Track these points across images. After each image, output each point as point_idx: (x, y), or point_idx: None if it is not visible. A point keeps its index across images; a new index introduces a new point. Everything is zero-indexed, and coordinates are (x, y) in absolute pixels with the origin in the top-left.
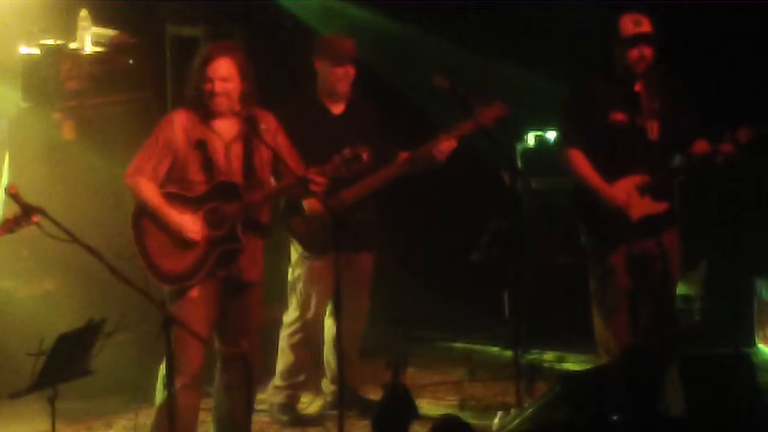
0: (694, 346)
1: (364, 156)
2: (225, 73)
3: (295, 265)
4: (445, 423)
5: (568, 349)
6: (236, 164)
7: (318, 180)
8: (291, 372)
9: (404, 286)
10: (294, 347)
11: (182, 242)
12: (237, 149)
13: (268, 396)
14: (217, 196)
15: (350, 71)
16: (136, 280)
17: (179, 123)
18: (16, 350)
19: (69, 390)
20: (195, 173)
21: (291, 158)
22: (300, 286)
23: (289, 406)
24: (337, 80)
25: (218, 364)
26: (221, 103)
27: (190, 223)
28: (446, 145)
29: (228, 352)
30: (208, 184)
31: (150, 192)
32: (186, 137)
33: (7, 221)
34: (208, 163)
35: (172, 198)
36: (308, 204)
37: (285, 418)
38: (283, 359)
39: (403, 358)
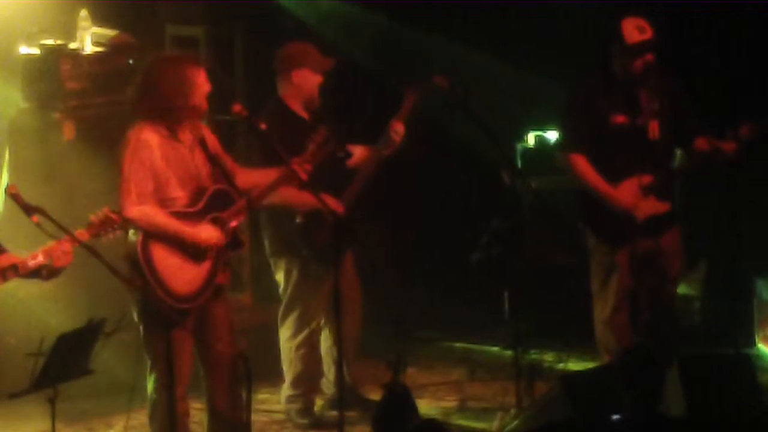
0: (694, 346)
1: (327, 134)
2: (207, 85)
3: (302, 279)
4: (422, 425)
5: (568, 349)
6: (203, 170)
7: (306, 168)
8: (303, 380)
9: (404, 286)
10: (302, 358)
11: (194, 259)
12: (199, 155)
13: (284, 404)
14: (214, 206)
15: (321, 79)
16: (137, 280)
17: (155, 142)
18: (16, 350)
19: (69, 390)
20: (174, 189)
21: (229, 161)
22: (307, 299)
23: (308, 410)
24: (314, 88)
25: (206, 369)
26: (204, 115)
27: (211, 232)
28: (397, 128)
29: (226, 353)
30: (202, 195)
31: (163, 218)
32: (162, 155)
33: (92, 225)
34: (184, 177)
35: (176, 217)
36: (330, 207)
37: (305, 421)
38: (293, 370)
39: (403, 358)
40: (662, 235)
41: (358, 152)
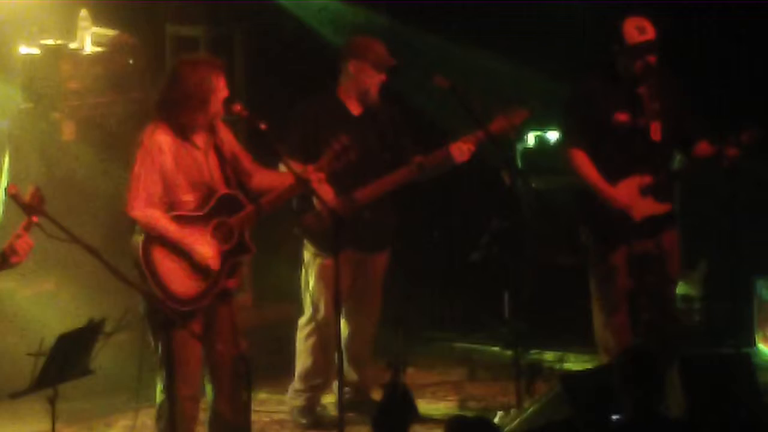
0: (694, 346)
1: (349, 146)
2: (226, 91)
3: (308, 265)
4: (462, 421)
5: (568, 349)
6: (216, 174)
7: (318, 176)
8: (309, 375)
9: (404, 286)
10: (310, 350)
11: (197, 266)
12: (212, 159)
13: (288, 399)
14: (221, 210)
15: (383, 78)
16: (135, 280)
17: (166, 146)
18: (16, 350)
19: (69, 390)
20: (184, 192)
21: (248, 160)
22: (311, 286)
23: (309, 408)
24: (373, 85)
25: (210, 369)
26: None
27: (207, 250)
28: (465, 149)
29: (227, 354)
30: (209, 200)
31: (166, 223)
32: (174, 159)
33: (31, 206)
34: (195, 180)
35: (180, 220)
36: (319, 202)
37: (305, 420)
38: (301, 362)
39: (403, 358)
40: (660, 236)
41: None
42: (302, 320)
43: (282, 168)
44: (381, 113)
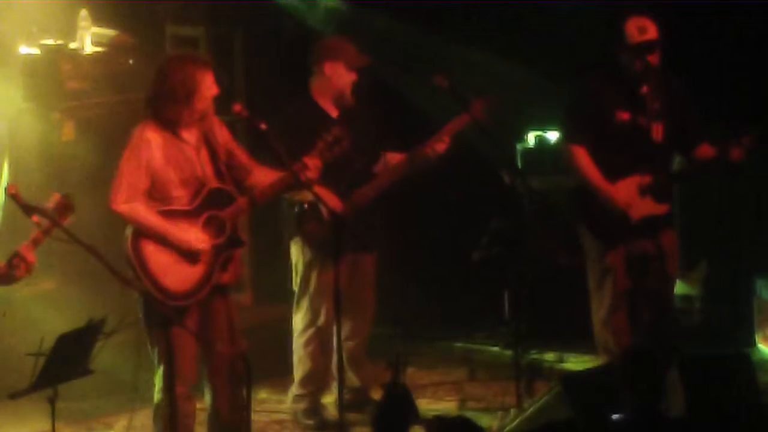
0: (694, 346)
1: (339, 134)
2: (215, 88)
3: (306, 270)
4: (442, 421)
5: (568, 349)
6: (208, 169)
7: (316, 164)
8: (310, 379)
9: (404, 286)
10: (310, 355)
11: (188, 258)
12: (204, 154)
13: (290, 404)
14: (210, 204)
15: (355, 78)
16: (135, 280)
17: (155, 142)
18: (16, 350)
19: (69, 390)
20: (176, 188)
21: (244, 157)
22: (311, 292)
23: (314, 410)
24: (347, 85)
25: (208, 368)
26: (208, 117)
27: (194, 234)
28: (440, 145)
29: (225, 352)
30: (198, 194)
31: (149, 216)
32: (163, 155)
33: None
34: (187, 176)
35: (169, 215)
36: (323, 206)
37: (311, 422)
38: (301, 367)
39: (403, 358)
40: (659, 236)
41: (393, 159)
42: (300, 326)
43: None
44: (358, 114)
